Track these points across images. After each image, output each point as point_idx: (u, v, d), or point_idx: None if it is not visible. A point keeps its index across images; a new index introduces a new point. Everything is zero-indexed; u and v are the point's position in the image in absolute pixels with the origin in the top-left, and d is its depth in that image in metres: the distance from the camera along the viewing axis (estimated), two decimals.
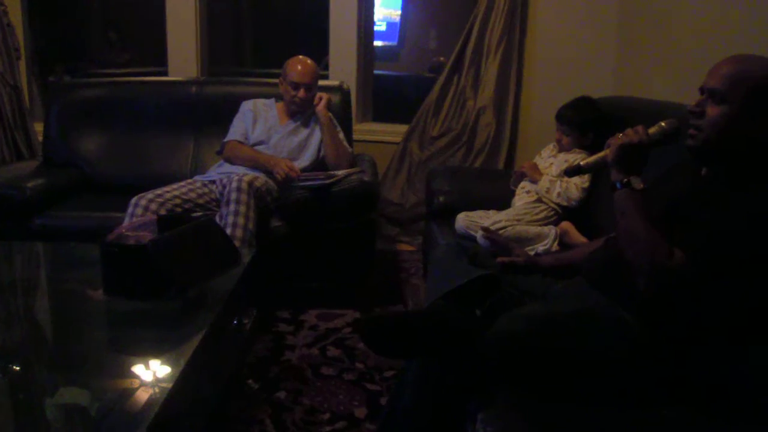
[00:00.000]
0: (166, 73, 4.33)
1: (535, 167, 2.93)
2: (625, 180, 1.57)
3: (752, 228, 1.44)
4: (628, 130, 1.61)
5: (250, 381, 2.35)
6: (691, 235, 1.48)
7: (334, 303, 3.00)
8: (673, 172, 1.77)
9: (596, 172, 1.77)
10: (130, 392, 1.40)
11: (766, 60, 1.56)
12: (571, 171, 1.77)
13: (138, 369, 1.52)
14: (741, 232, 1.44)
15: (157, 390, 1.39)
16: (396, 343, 1.60)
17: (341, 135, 3.25)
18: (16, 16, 4.23)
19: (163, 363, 1.53)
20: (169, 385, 1.38)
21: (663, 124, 1.64)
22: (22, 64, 4.27)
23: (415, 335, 1.58)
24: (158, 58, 4.60)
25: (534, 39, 3.91)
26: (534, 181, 2.87)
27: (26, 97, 4.25)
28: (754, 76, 1.51)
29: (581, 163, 1.73)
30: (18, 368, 1.56)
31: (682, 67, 2.94)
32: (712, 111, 1.55)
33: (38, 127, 4.06)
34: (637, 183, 1.56)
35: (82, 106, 3.57)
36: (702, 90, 1.59)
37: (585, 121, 2.86)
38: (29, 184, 3.01)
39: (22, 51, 4.27)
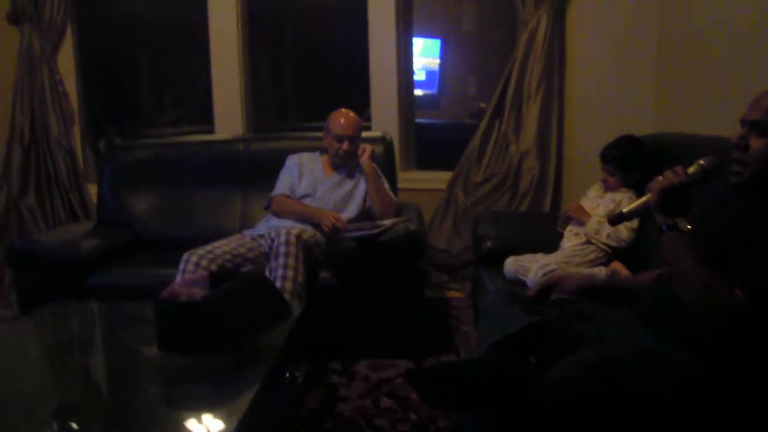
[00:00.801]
0: (212, 131, 4.44)
1: (581, 209, 2.90)
2: (671, 223, 1.54)
3: None
4: (668, 173, 1.58)
5: None
6: (748, 272, 1.44)
7: (385, 353, 2.98)
8: (721, 206, 1.73)
9: (638, 217, 1.75)
10: None
11: None
12: (614, 219, 1.75)
13: (192, 425, 1.53)
14: None
15: None
16: (450, 394, 1.58)
17: (386, 185, 3.27)
18: (70, 83, 4.40)
19: (216, 418, 1.54)
20: None
21: (702, 162, 1.61)
22: (76, 129, 4.43)
23: (469, 386, 1.56)
24: (204, 116, 4.72)
25: (573, 80, 3.92)
26: (581, 223, 2.84)
27: (80, 160, 4.40)
28: None
29: (624, 210, 1.71)
30: (75, 426, 1.58)
31: (723, 99, 2.91)
32: (756, 143, 1.53)
33: (92, 189, 4.19)
34: (684, 225, 1.53)
35: (133, 167, 3.67)
36: (743, 122, 1.57)
37: (629, 159, 2.83)
38: (84, 245, 3.10)
39: (76, 117, 4.43)
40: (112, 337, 2.30)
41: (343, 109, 3.25)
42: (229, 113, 4.38)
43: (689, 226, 1.53)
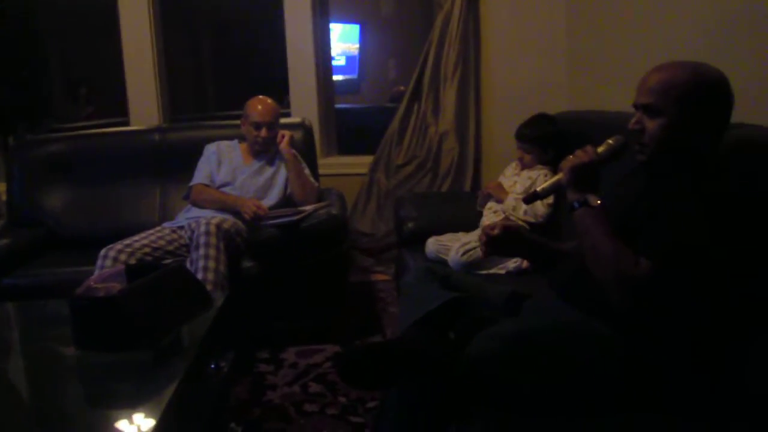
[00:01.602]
0: (128, 123, 4.32)
1: (499, 187, 2.97)
2: (582, 199, 1.60)
3: (703, 216, 1.47)
4: (578, 151, 1.65)
5: (232, 424, 2.32)
6: (652, 241, 1.51)
7: (312, 339, 2.99)
8: (627, 181, 1.80)
9: (553, 194, 1.82)
10: None
11: (689, 65, 1.61)
12: (529, 198, 1.81)
13: (116, 423, 1.50)
14: (694, 223, 1.47)
15: None
16: (370, 375, 1.60)
17: (307, 171, 3.26)
18: None
19: (140, 414, 1.51)
20: None
21: (610, 141, 1.69)
22: None
23: (389, 365, 1.58)
24: (120, 108, 4.59)
25: (488, 62, 3.98)
26: (500, 201, 2.91)
27: None
28: (678, 84, 1.57)
29: (537, 189, 1.77)
30: None
31: (631, 77, 2.99)
32: (651, 125, 1.60)
33: (1, 187, 4.03)
34: (594, 200, 1.60)
35: (44, 162, 3.54)
36: (636, 107, 1.64)
37: (544, 136, 2.91)
38: None
39: None
40: (28, 339, 2.22)
41: (260, 96, 3.22)
42: (144, 103, 4.28)
43: (599, 202, 1.60)
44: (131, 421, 1.49)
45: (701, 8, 2.46)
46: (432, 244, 2.86)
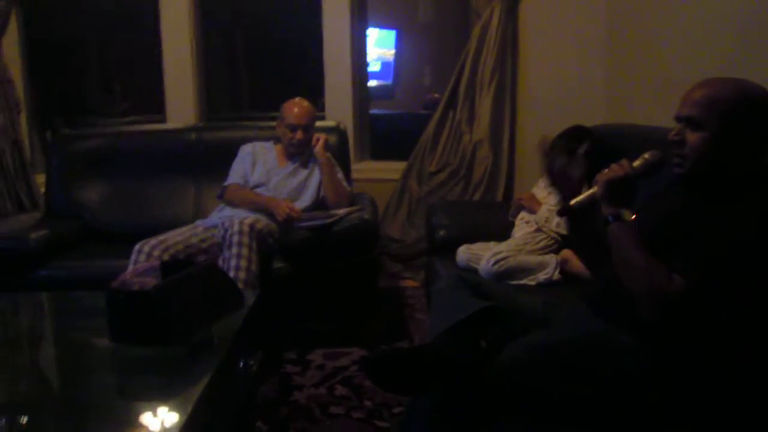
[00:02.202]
0: (164, 121, 4.37)
1: (532, 198, 2.95)
2: (616, 213, 1.59)
3: (741, 242, 1.45)
4: (613, 165, 1.64)
5: (258, 423, 2.34)
6: (687, 258, 1.49)
7: (339, 342, 2.99)
8: (664, 194, 1.79)
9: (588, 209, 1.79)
10: None
11: (735, 82, 1.60)
12: (562, 212, 1.78)
13: (145, 416, 1.52)
14: (732, 248, 1.46)
15: None
16: (401, 379, 1.60)
17: (340, 174, 3.28)
18: (15, 71, 4.29)
19: (170, 409, 1.53)
20: None
21: (646, 155, 1.67)
22: (23, 118, 4.32)
23: (420, 371, 1.59)
24: (156, 105, 4.65)
25: (526, 71, 3.97)
26: (533, 212, 2.89)
27: (27, 150, 4.30)
28: (723, 100, 1.55)
29: (571, 203, 1.75)
30: (25, 421, 1.56)
31: (669, 91, 2.97)
32: (692, 138, 1.59)
33: (39, 179, 4.10)
34: (628, 215, 1.58)
35: (82, 157, 3.61)
36: (678, 119, 1.63)
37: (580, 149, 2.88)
38: (32, 236, 3.03)
39: (23, 105, 4.33)
40: (62, 330, 2.26)
41: (296, 99, 3.25)
42: (181, 102, 4.33)
43: (633, 217, 1.58)
44: (161, 415, 1.50)
45: (745, 23, 2.44)
46: (463, 253, 2.85)
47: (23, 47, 4.40)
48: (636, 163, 1.65)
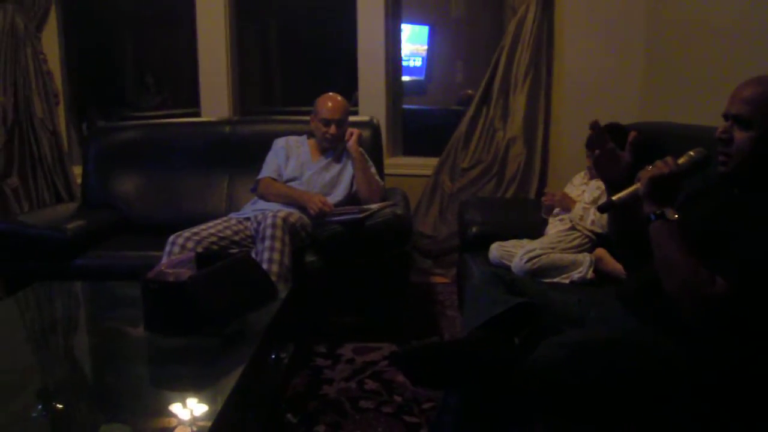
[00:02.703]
0: (198, 114, 4.41)
1: (565, 197, 2.92)
2: (659, 212, 1.56)
3: None
4: (658, 162, 1.59)
5: (289, 415, 2.35)
6: (730, 262, 1.46)
7: (370, 336, 3.00)
8: (702, 195, 1.75)
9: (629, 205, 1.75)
10: (170, 429, 1.42)
11: None
12: (604, 207, 1.75)
13: (178, 406, 1.53)
14: None
15: (196, 427, 1.40)
16: (434, 373, 1.60)
17: (373, 169, 3.27)
18: (54, 63, 4.36)
19: (202, 399, 1.54)
20: (209, 423, 1.38)
21: (692, 153, 1.62)
22: (61, 110, 4.39)
23: (454, 365, 1.58)
24: (191, 99, 4.69)
25: (561, 68, 3.93)
26: (567, 210, 2.86)
27: (65, 142, 4.37)
28: None
29: (613, 198, 1.71)
30: (60, 406, 1.58)
31: (708, 89, 2.93)
32: (740, 136, 1.55)
33: (76, 170, 4.16)
34: (671, 214, 1.54)
35: (118, 149, 3.66)
36: (726, 116, 1.59)
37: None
38: (69, 226, 3.08)
39: (61, 97, 4.40)
40: (98, 318, 2.29)
41: (330, 93, 3.25)
42: (215, 96, 4.36)
43: (676, 216, 1.55)
44: (193, 406, 1.52)
45: None
46: (496, 250, 2.83)
47: (62, 40, 4.46)
48: (681, 161, 1.61)
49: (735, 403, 1.50)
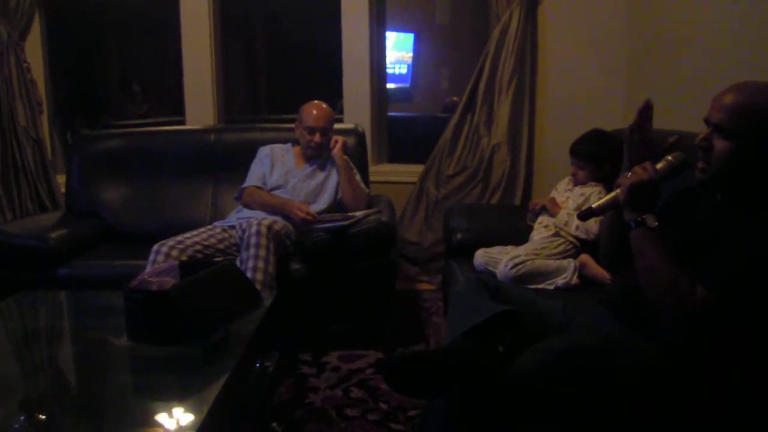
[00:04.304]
0: (183, 122, 4.40)
1: (552, 201, 2.94)
2: (639, 219, 1.56)
3: (766, 256, 1.43)
4: (636, 168, 1.60)
5: (274, 424, 2.34)
6: (711, 270, 1.47)
7: (355, 344, 2.99)
8: (683, 200, 1.76)
9: (608, 212, 1.76)
10: None
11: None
12: (584, 215, 1.75)
13: (162, 415, 1.52)
14: (756, 262, 1.43)
15: None
16: (418, 383, 1.59)
17: (358, 177, 3.28)
18: (38, 71, 4.34)
19: (186, 408, 1.54)
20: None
21: (670, 158, 1.63)
22: (45, 118, 4.37)
23: (437, 374, 1.57)
24: (176, 107, 4.68)
25: (545, 75, 3.96)
26: (553, 215, 2.88)
27: (48, 150, 4.34)
28: (757, 109, 1.50)
29: (593, 206, 1.72)
30: (43, 417, 1.57)
31: (690, 95, 2.96)
32: (720, 145, 1.54)
33: (60, 179, 4.14)
34: (651, 221, 1.55)
35: (102, 157, 3.64)
36: (707, 122, 1.58)
37: (599, 153, 2.87)
38: (53, 235, 3.06)
39: (45, 105, 4.37)
40: (81, 328, 2.27)
41: (315, 101, 3.25)
42: (200, 104, 4.35)
43: (656, 223, 1.55)
44: (177, 415, 1.51)
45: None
46: (481, 256, 2.84)
47: (46, 48, 4.44)
48: (659, 166, 1.62)
49: (716, 408, 1.51)
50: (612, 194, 1.67)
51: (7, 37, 4.08)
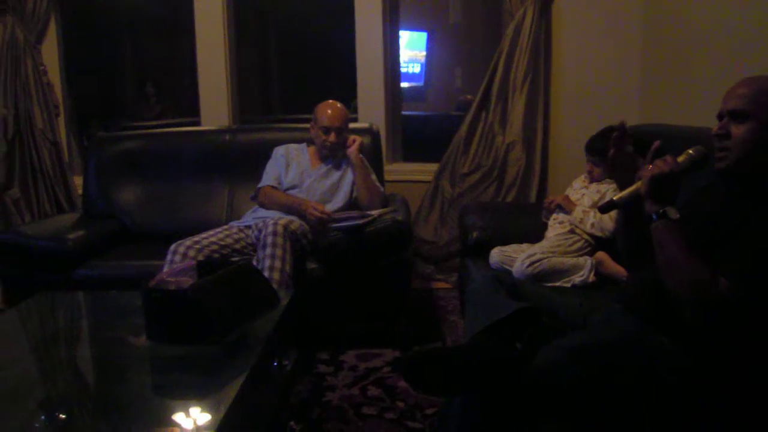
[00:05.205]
0: (198, 123, 4.42)
1: (567, 199, 2.92)
2: (661, 211, 1.56)
3: None
4: (657, 161, 1.60)
5: (292, 423, 2.35)
6: (733, 261, 1.46)
7: (372, 343, 2.99)
8: (702, 195, 1.75)
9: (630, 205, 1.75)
10: None
11: None
12: (605, 207, 1.75)
13: (180, 415, 1.53)
14: None
15: None
16: (437, 379, 1.59)
17: (373, 176, 3.28)
18: (54, 74, 4.38)
19: (204, 408, 1.54)
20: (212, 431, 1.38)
21: (691, 151, 1.63)
22: (61, 120, 4.41)
23: (456, 371, 1.58)
24: (191, 108, 4.70)
25: (559, 72, 3.94)
26: (568, 212, 2.87)
27: (65, 152, 4.38)
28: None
29: (614, 198, 1.72)
30: (63, 416, 1.58)
31: (706, 91, 2.94)
32: (737, 130, 1.56)
33: (77, 181, 4.17)
34: (673, 213, 1.55)
35: (119, 159, 3.67)
36: (720, 115, 1.60)
37: None
38: (71, 236, 3.09)
39: (61, 108, 4.41)
40: (99, 328, 2.28)
41: (330, 101, 3.25)
42: (215, 104, 4.37)
43: (678, 215, 1.55)
44: (196, 414, 1.51)
45: None
46: (497, 254, 2.84)
47: (62, 51, 4.48)
48: (680, 159, 1.62)
49: (735, 404, 1.50)
50: (633, 186, 1.67)
51: (23, 41, 4.11)
